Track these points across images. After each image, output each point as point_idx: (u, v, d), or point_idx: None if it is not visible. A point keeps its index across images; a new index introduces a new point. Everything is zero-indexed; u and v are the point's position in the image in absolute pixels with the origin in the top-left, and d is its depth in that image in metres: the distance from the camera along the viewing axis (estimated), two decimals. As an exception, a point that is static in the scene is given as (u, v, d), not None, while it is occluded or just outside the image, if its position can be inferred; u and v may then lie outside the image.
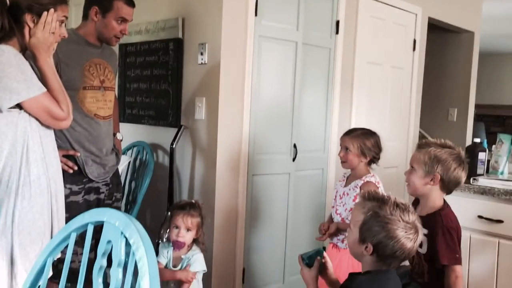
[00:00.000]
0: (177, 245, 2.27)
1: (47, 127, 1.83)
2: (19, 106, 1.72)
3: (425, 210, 1.99)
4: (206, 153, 2.90)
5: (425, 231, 1.98)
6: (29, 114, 1.75)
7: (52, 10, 1.79)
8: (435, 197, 1.97)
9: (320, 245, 2.70)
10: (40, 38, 1.77)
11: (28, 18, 1.76)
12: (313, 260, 1.68)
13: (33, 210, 1.76)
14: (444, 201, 2.00)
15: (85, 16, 2.35)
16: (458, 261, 1.92)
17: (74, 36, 2.27)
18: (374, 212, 1.48)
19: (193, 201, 2.36)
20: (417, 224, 1.50)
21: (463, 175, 1.95)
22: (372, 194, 1.55)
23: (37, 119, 1.78)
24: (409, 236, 1.46)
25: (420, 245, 2.02)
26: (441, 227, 1.92)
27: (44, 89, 1.75)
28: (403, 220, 1.46)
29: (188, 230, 2.26)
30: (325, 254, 1.72)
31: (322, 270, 1.70)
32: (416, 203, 2.10)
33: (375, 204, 1.50)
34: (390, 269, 1.51)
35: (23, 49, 1.81)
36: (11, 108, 1.71)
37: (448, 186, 1.95)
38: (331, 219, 2.57)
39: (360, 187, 2.36)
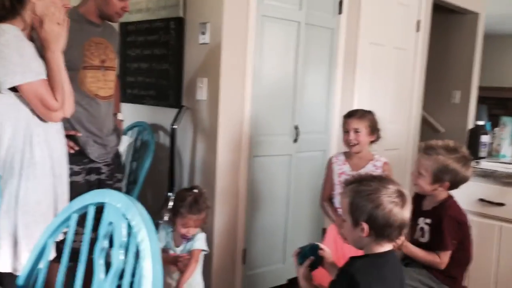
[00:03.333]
0: (185, 238, 2.30)
1: None
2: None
3: (431, 204, 2.05)
4: (207, 134, 2.89)
5: (428, 220, 2.02)
6: None
7: (58, 2, 1.75)
8: (442, 194, 2.05)
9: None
10: (48, 30, 1.73)
11: None
12: (306, 258, 1.65)
13: (37, 191, 1.76)
14: (448, 193, 2.04)
15: None
16: (449, 248, 1.98)
17: (74, 15, 2.22)
18: (356, 191, 1.49)
19: (196, 191, 2.31)
20: (401, 189, 1.50)
21: (469, 174, 2.02)
22: (349, 180, 1.57)
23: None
24: (395, 200, 1.45)
25: (422, 235, 2.05)
26: (445, 215, 1.97)
27: (42, 76, 1.70)
28: (385, 187, 1.47)
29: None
30: (321, 246, 1.70)
31: (319, 263, 1.68)
32: (420, 196, 2.13)
33: (355, 184, 1.51)
34: (389, 252, 1.51)
35: (30, 27, 1.76)
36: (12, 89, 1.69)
37: (456, 186, 2.02)
38: (329, 201, 2.55)
39: (383, 168, 2.37)
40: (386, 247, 1.50)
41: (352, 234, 1.52)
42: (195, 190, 2.32)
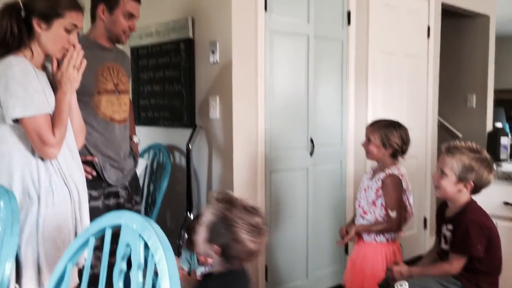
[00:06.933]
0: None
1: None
2: None
3: (453, 211, 2.01)
4: (222, 152, 2.89)
5: (450, 227, 1.97)
6: None
7: (78, 46, 1.78)
8: (464, 198, 2.00)
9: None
10: (64, 72, 1.76)
11: (34, 22, 1.73)
12: None
13: (57, 217, 1.76)
14: (470, 198, 2.00)
15: (93, 17, 2.34)
16: (471, 253, 1.92)
17: (85, 42, 2.25)
18: (223, 215, 1.52)
19: None
20: (263, 226, 1.55)
21: (492, 178, 1.99)
22: (223, 197, 1.59)
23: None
24: (253, 238, 1.51)
25: (446, 242, 2.00)
26: (468, 219, 1.93)
27: (43, 111, 1.69)
28: (249, 224, 1.50)
29: None
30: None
31: None
32: (444, 204, 2.10)
33: (225, 206, 1.53)
34: (241, 269, 1.58)
35: (43, 55, 1.79)
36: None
37: (478, 189, 1.99)
38: (352, 219, 2.54)
39: (382, 180, 2.32)
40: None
41: (202, 245, 1.56)
42: None
